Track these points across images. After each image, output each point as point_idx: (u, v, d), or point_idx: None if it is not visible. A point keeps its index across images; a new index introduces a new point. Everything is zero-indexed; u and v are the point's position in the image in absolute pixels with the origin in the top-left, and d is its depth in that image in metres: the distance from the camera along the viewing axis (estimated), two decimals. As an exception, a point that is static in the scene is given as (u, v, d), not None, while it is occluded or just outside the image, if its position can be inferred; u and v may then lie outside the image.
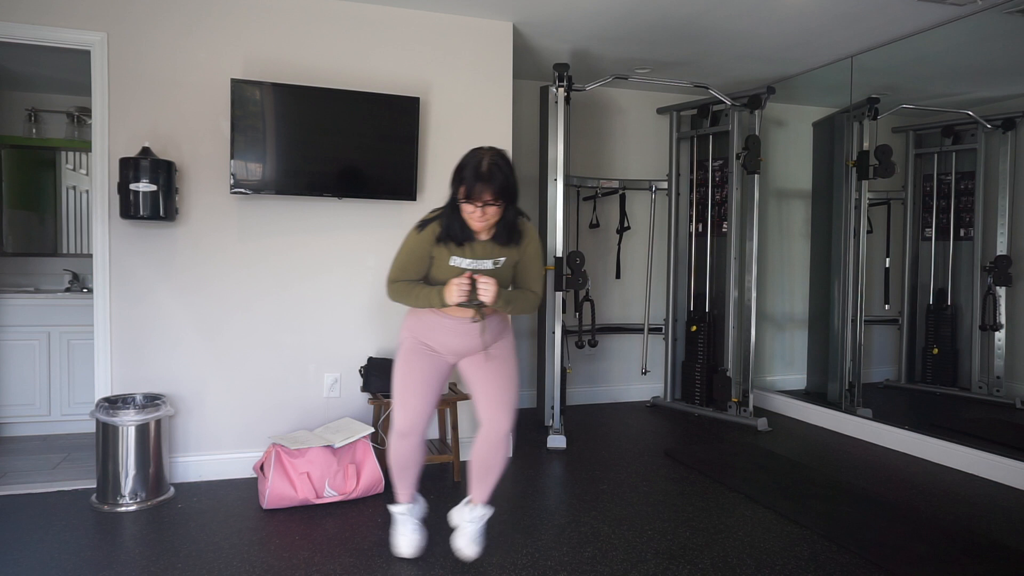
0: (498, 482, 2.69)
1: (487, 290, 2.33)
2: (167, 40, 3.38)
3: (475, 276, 2.34)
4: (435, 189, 3.82)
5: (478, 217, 2.30)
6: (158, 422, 3.21)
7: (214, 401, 3.50)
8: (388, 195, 3.65)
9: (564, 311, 4.36)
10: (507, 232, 2.41)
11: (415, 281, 2.47)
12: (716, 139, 5.02)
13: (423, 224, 2.40)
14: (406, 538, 2.62)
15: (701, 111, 5.09)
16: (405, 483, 2.61)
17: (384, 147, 3.59)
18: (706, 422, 4.78)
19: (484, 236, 2.40)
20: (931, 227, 4.82)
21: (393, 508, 2.66)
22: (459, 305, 2.37)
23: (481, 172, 2.26)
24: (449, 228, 2.36)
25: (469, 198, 2.27)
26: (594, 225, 5.23)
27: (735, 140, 4.77)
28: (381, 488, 3.28)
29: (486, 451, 2.57)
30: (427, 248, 2.41)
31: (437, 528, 2.90)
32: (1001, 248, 4.39)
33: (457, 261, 2.39)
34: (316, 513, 3.04)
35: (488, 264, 2.41)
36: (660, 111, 5.41)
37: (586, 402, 5.33)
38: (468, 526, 2.61)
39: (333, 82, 3.59)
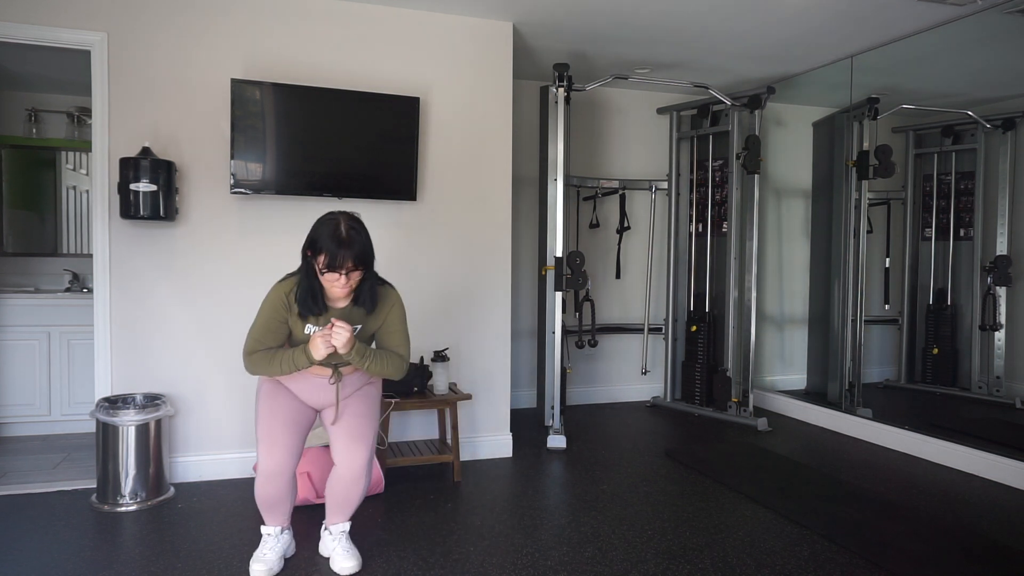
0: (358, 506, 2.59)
1: (340, 335, 2.25)
2: (167, 40, 3.38)
3: (333, 321, 2.28)
4: (435, 189, 3.82)
5: (341, 285, 2.28)
6: (158, 422, 3.21)
7: (214, 401, 3.50)
8: (388, 195, 3.65)
9: (564, 311, 4.36)
10: (370, 298, 2.38)
11: (273, 349, 2.40)
12: (716, 139, 5.02)
13: (279, 285, 2.38)
14: (264, 559, 2.46)
15: (701, 111, 5.09)
16: (282, 512, 2.51)
17: (384, 147, 3.59)
18: (706, 422, 4.78)
19: (342, 303, 2.38)
20: (931, 227, 4.82)
21: (262, 528, 2.53)
22: (320, 364, 2.37)
23: (341, 239, 2.24)
24: (304, 300, 2.32)
25: (332, 267, 2.23)
26: (594, 225, 5.23)
27: (735, 140, 4.77)
28: (381, 488, 3.28)
29: (342, 489, 2.49)
30: (283, 314, 2.36)
31: (437, 528, 2.90)
32: (1001, 248, 4.39)
33: (311, 329, 2.37)
34: (316, 513, 3.04)
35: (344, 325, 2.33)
36: (660, 111, 5.41)
37: (586, 402, 5.33)
38: (335, 545, 2.54)
39: (333, 82, 3.59)
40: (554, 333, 4.33)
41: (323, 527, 2.62)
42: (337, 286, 2.29)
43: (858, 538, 2.80)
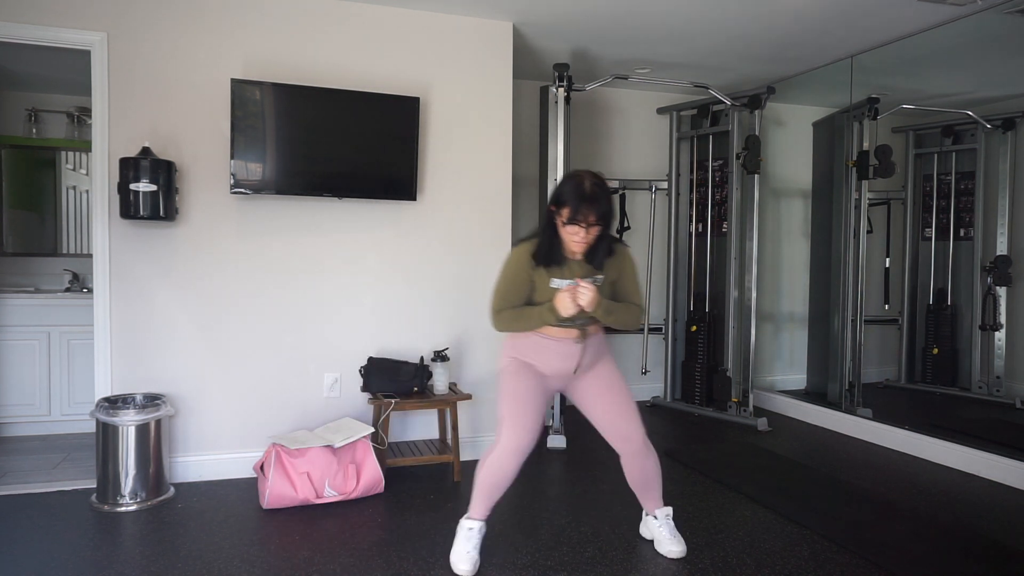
0: (662, 483, 2.71)
1: (585, 295, 2.34)
2: (167, 40, 3.38)
3: (578, 280, 2.37)
4: (435, 189, 3.82)
5: (581, 238, 2.35)
6: (158, 422, 3.21)
7: (214, 401, 3.50)
8: (388, 195, 3.65)
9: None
10: (605, 252, 2.46)
11: (519, 306, 2.49)
12: (716, 139, 5.02)
13: (519, 243, 2.48)
14: (469, 556, 2.52)
15: (701, 111, 5.09)
16: (491, 502, 2.57)
17: (384, 147, 3.59)
18: (706, 422, 4.78)
19: (579, 257, 2.46)
20: (931, 227, 4.82)
21: (465, 522, 2.57)
22: (561, 325, 2.45)
23: (585, 193, 2.31)
24: (547, 251, 2.41)
25: (574, 220, 2.32)
26: (594, 225, 5.22)
27: (735, 140, 4.77)
28: (381, 488, 3.28)
29: (636, 470, 2.62)
30: (527, 272, 2.44)
31: (437, 528, 2.90)
32: (1001, 248, 4.40)
33: (557, 283, 2.43)
34: (316, 513, 3.04)
35: (587, 282, 2.44)
36: (660, 111, 5.41)
37: (586, 402, 5.32)
38: (661, 530, 2.66)
39: (333, 82, 3.59)
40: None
41: (645, 512, 2.76)
42: (576, 239, 2.36)
43: (858, 538, 2.80)
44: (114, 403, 3.19)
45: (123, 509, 3.08)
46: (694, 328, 5.06)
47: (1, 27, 3.18)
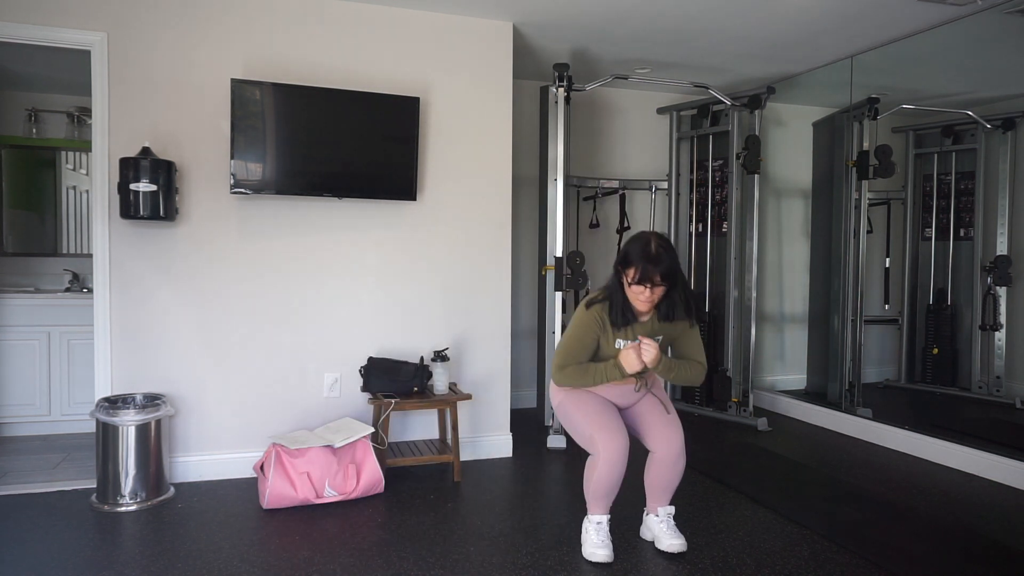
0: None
1: (648, 351, 2.45)
2: (167, 40, 3.38)
3: (641, 339, 2.48)
4: (435, 189, 3.82)
5: (646, 298, 2.46)
6: (158, 422, 3.21)
7: (214, 401, 3.50)
8: (388, 195, 3.65)
9: (564, 311, 4.35)
10: (671, 311, 2.56)
11: (584, 363, 2.59)
12: (716, 139, 5.02)
13: (590, 303, 2.57)
14: (605, 546, 2.60)
15: (701, 111, 5.09)
16: (609, 501, 2.63)
17: (384, 147, 3.59)
18: (706, 422, 4.78)
19: (645, 318, 2.57)
20: (931, 227, 4.82)
21: (592, 517, 2.64)
22: (625, 377, 2.54)
23: (651, 255, 2.42)
24: (615, 313, 2.53)
25: (641, 281, 2.43)
26: (594, 225, 5.23)
27: (735, 140, 4.77)
28: (381, 488, 3.28)
29: (664, 473, 2.66)
30: (595, 331, 2.56)
31: (437, 528, 2.90)
32: (1001, 248, 4.40)
33: (621, 344, 2.56)
34: (316, 513, 3.04)
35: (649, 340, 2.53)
36: (660, 111, 5.41)
37: (586, 402, 5.32)
38: (662, 527, 2.69)
39: (333, 82, 3.59)
40: (554, 333, 4.33)
41: (646, 512, 2.78)
42: (642, 299, 2.47)
43: (858, 538, 2.80)
44: (114, 403, 3.19)
45: (123, 509, 3.08)
46: (694, 328, 5.06)
47: (1, 27, 3.18)
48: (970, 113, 4.55)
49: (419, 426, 3.86)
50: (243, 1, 3.48)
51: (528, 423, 4.63)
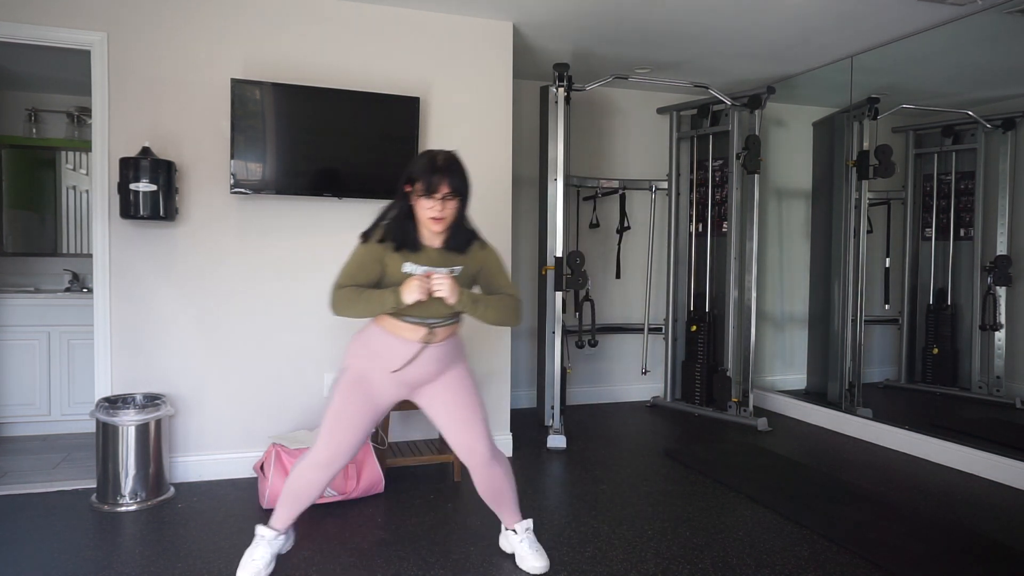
0: (516, 495, 2.57)
1: (441, 283, 2.17)
2: (167, 40, 3.38)
3: (431, 274, 2.20)
4: (435, 189, 3.81)
5: (437, 211, 2.19)
6: (158, 422, 3.21)
7: (214, 401, 3.50)
8: (388, 195, 3.57)
9: (564, 311, 4.36)
10: (462, 235, 2.30)
11: (364, 286, 2.26)
12: (716, 139, 5.02)
13: (367, 234, 2.28)
14: (254, 564, 2.38)
15: (701, 111, 5.09)
16: (292, 513, 2.41)
17: (384, 147, 3.59)
18: (706, 422, 4.78)
19: (437, 243, 2.29)
20: (931, 227, 4.82)
21: (261, 529, 2.42)
22: (412, 322, 2.26)
23: (438, 165, 2.20)
24: (401, 233, 2.24)
25: (428, 192, 2.18)
26: (594, 225, 5.23)
27: (735, 140, 4.77)
28: (381, 488, 3.28)
29: (484, 482, 2.47)
30: (378, 253, 2.24)
31: (437, 528, 2.90)
32: (1001, 248, 4.40)
33: (411, 268, 2.24)
34: (316, 513, 3.04)
35: (443, 272, 2.25)
36: (660, 111, 5.41)
37: (586, 402, 5.33)
38: (522, 544, 2.53)
39: (333, 82, 3.59)
40: (554, 333, 4.33)
41: (503, 528, 2.63)
42: (433, 213, 2.19)
43: (858, 538, 2.80)
44: (114, 403, 3.19)
45: (123, 509, 3.08)
46: (694, 328, 5.06)
47: (1, 27, 3.18)
48: (970, 113, 4.55)
49: (419, 426, 3.86)
50: (243, 1, 3.48)
51: (528, 423, 4.63)
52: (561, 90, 4.28)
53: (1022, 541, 2.84)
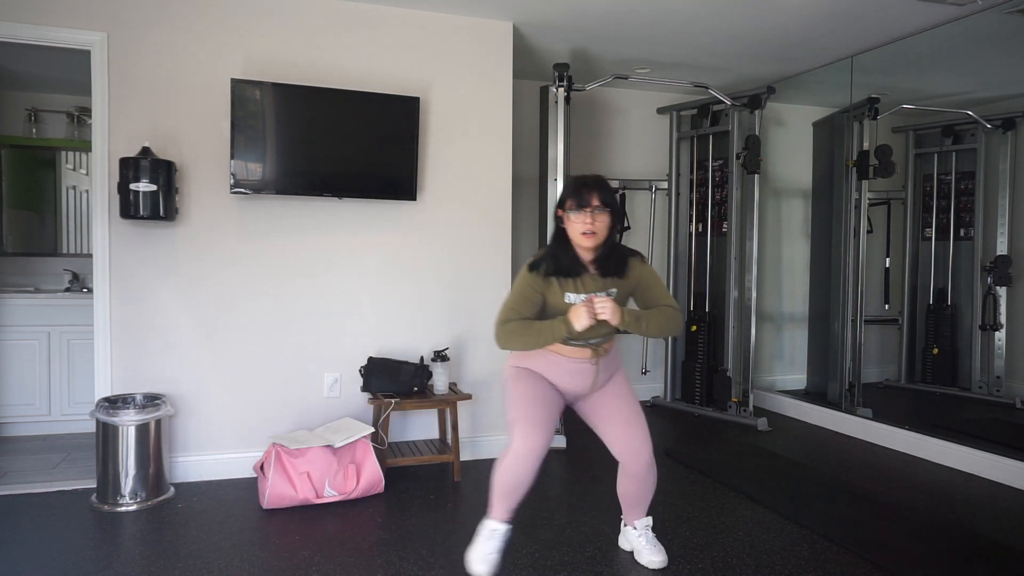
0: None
1: (603, 305, 2.25)
2: (167, 40, 3.38)
3: (593, 298, 2.28)
4: (435, 189, 3.82)
5: (588, 225, 2.28)
6: (158, 422, 3.21)
7: (214, 401, 3.50)
8: (388, 195, 3.65)
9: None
10: (614, 257, 2.38)
11: (528, 319, 2.35)
12: (716, 139, 5.03)
13: (534, 265, 2.36)
14: (489, 557, 2.46)
15: (701, 111, 5.09)
16: (511, 503, 2.44)
17: (384, 147, 3.59)
18: (706, 422, 4.78)
19: (592, 269, 2.38)
20: (931, 227, 4.82)
21: (487, 522, 2.48)
22: (575, 344, 2.37)
23: (586, 181, 2.32)
24: (557, 260, 2.34)
25: (579, 205, 2.28)
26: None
27: (735, 140, 4.77)
28: (381, 488, 3.28)
29: (636, 487, 2.54)
30: (538, 286, 2.34)
31: (437, 528, 2.90)
32: (1001, 248, 4.40)
33: (571, 298, 2.34)
34: (316, 513, 3.04)
35: (602, 296, 2.35)
36: (660, 111, 5.41)
37: (586, 402, 5.32)
38: (641, 540, 2.59)
39: (333, 82, 3.59)
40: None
41: (623, 523, 2.69)
42: (584, 228, 2.27)
43: (858, 538, 2.80)
44: (114, 403, 3.19)
45: (123, 509, 3.08)
46: (694, 328, 5.06)
47: (1, 27, 3.18)
48: (970, 113, 4.55)
49: (419, 426, 3.86)
50: (243, 1, 3.48)
51: (528, 423, 4.62)
52: (561, 90, 4.28)
53: (1022, 541, 2.84)
